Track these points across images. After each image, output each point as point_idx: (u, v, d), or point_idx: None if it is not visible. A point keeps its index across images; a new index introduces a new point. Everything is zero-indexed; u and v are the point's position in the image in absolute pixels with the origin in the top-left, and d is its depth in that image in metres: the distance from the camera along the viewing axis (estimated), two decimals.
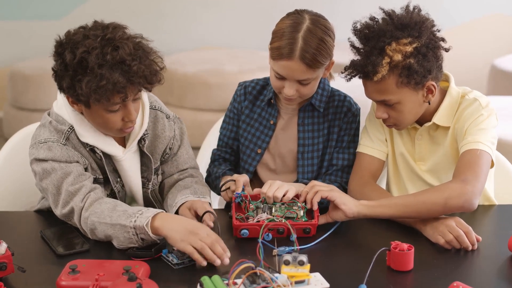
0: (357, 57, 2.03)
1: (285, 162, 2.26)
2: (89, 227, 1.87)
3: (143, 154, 2.09)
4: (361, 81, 2.06)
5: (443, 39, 2.03)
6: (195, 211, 1.99)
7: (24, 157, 2.04)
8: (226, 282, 1.59)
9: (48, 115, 2.04)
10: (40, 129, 2.01)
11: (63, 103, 2.00)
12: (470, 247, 1.87)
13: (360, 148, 2.21)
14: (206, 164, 2.42)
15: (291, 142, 2.24)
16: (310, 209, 1.98)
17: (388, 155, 2.22)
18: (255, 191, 2.05)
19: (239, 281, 1.58)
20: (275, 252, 1.77)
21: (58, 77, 1.89)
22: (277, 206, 2.00)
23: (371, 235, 2.00)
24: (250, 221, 1.96)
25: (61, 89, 1.91)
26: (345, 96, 2.25)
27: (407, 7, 2.03)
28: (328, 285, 1.66)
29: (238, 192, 2.02)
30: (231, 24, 5.56)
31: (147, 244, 1.83)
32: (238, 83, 2.32)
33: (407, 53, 1.96)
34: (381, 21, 2.01)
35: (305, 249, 1.85)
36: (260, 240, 1.68)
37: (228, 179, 2.12)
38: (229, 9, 5.54)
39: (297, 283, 1.62)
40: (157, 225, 1.80)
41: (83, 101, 1.88)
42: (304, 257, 1.62)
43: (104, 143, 2.00)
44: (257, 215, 1.98)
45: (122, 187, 2.09)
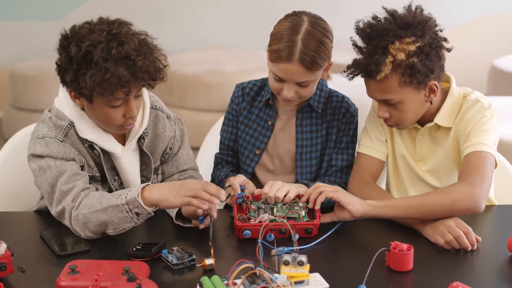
0: (359, 56, 2.02)
1: (284, 163, 2.26)
2: (80, 222, 1.88)
3: (143, 153, 2.10)
4: (360, 82, 2.06)
5: (445, 39, 2.03)
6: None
7: (24, 158, 2.04)
8: (225, 282, 1.59)
9: (49, 111, 2.05)
10: (39, 125, 2.03)
11: (64, 99, 2.01)
12: (469, 248, 1.87)
13: (360, 148, 2.21)
14: (206, 164, 2.42)
15: (289, 142, 2.24)
16: (311, 209, 1.98)
17: (388, 156, 2.21)
18: (256, 192, 2.05)
19: (238, 282, 1.58)
20: (274, 252, 1.77)
21: (61, 70, 1.90)
22: (279, 206, 2.01)
23: (370, 235, 2.00)
24: (252, 221, 1.96)
25: (64, 83, 1.92)
26: (343, 97, 2.25)
27: (409, 6, 2.03)
28: (327, 286, 1.66)
29: (238, 193, 2.03)
30: (231, 24, 5.56)
31: (142, 219, 1.87)
32: (237, 83, 2.32)
33: (410, 52, 1.96)
34: (384, 20, 2.01)
35: (305, 250, 1.85)
36: (259, 240, 1.68)
37: (226, 186, 2.11)
38: (229, 9, 5.54)
39: (296, 283, 1.62)
40: (146, 195, 1.84)
41: (85, 95, 1.89)
42: (303, 258, 1.62)
43: (103, 140, 2.01)
44: (259, 215, 1.99)
45: (119, 186, 2.09)
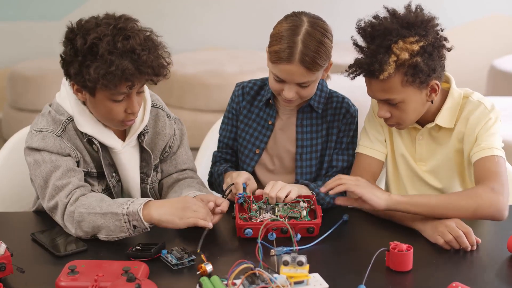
0: (361, 56, 2.02)
1: (283, 162, 2.26)
2: (75, 219, 1.88)
3: (143, 150, 2.10)
4: (360, 82, 2.06)
5: (446, 39, 2.03)
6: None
7: (23, 158, 2.04)
8: (225, 282, 1.59)
9: (49, 105, 2.06)
10: (38, 118, 2.04)
11: (66, 93, 2.01)
12: (469, 248, 1.87)
13: (359, 149, 2.21)
14: (205, 164, 2.42)
15: (289, 142, 2.24)
16: (313, 209, 1.97)
17: (387, 156, 2.21)
18: (257, 192, 2.05)
19: (238, 282, 1.58)
20: (273, 252, 1.77)
21: (66, 63, 1.91)
22: (280, 206, 2.01)
23: (370, 236, 2.00)
24: (253, 221, 1.96)
25: (68, 75, 1.93)
26: (343, 97, 2.25)
27: (409, 6, 2.02)
28: (327, 286, 1.66)
29: (240, 193, 2.03)
30: (231, 24, 5.56)
31: (138, 233, 1.87)
32: (237, 82, 2.32)
33: (413, 52, 1.95)
34: (386, 20, 2.00)
35: (304, 250, 1.85)
36: (259, 240, 1.68)
37: (228, 185, 2.10)
38: (229, 9, 5.53)
39: (296, 283, 1.62)
40: (147, 212, 1.84)
41: (88, 88, 1.90)
42: (303, 258, 1.62)
43: (103, 135, 2.01)
44: (260, 215, 1.99)
45: (117, 182, 2.10)
